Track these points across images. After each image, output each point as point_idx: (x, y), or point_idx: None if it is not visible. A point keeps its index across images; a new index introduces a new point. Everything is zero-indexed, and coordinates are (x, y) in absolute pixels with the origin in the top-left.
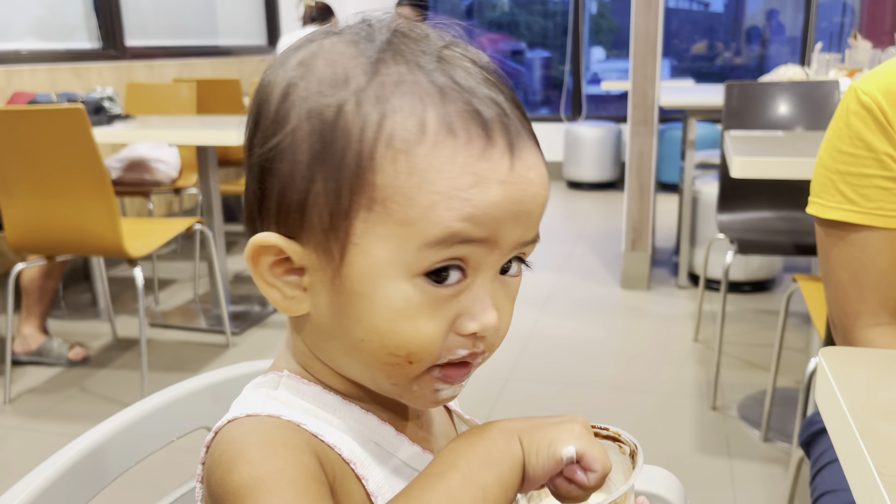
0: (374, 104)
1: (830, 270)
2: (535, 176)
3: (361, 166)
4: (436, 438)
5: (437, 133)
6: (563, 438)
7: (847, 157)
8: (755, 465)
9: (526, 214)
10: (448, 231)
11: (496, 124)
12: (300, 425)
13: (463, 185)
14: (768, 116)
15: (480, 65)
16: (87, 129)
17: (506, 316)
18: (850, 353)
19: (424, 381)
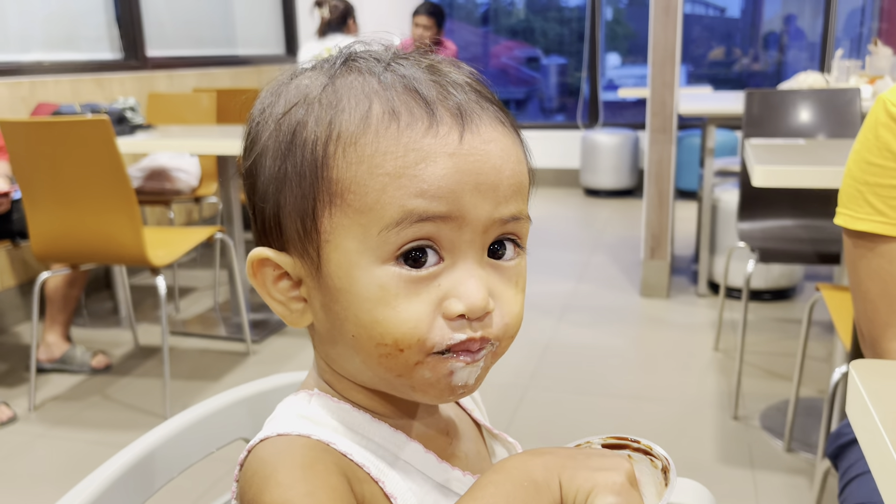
0: (325, 109)
1: (859, 282)
2: (494, 149)
3: (317, 166)
4: (465, 455)
5: (380, 120)
6: (603, 491)
7: (876, 169)
8: (779, 475)
9: (490, 188)
10: (403, 210)
11: (441, 103)
12: (329, 444)
13: (409, 162)
14: (789, 124)
15: (439, 64)
16: (112, 140)
17: (508, 303)
18: (881, 366)
19: (435, 366)
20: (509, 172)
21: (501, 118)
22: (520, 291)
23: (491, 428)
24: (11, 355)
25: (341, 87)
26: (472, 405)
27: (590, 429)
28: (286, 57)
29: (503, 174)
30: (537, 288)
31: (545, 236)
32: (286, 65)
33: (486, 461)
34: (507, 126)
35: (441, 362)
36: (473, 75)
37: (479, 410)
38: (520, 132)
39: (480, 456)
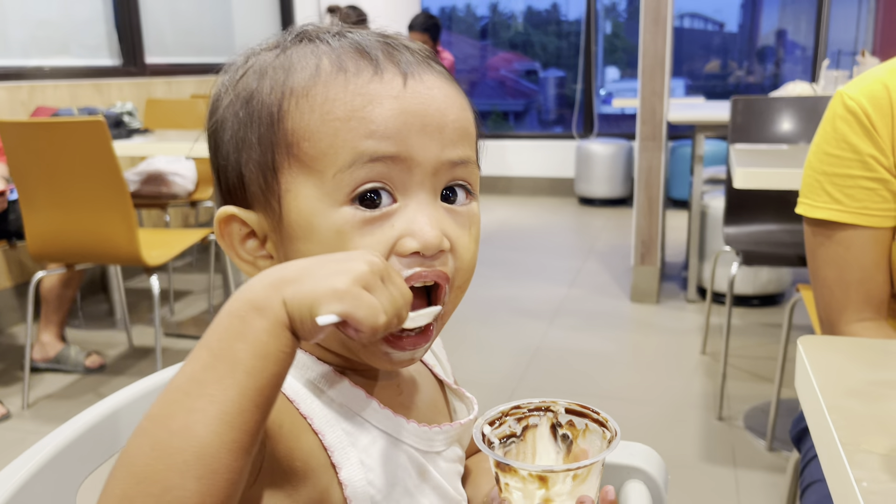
0: (278, 72)
1: (817, 269)
2: (438, 94)
3: (273, 122)
4: (419, 408)
5: (329, 72)
6: (325, 300)
7: (833, 159)
8: (760, 473)
9: (436, 129)
10: (355, 151)
11: (386, 57)
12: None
13: (357, 105)
14: (774, 131)
15: (390, 34)
16: (107, 141)
17: (462, 248)
18: (826, 341)
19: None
20: (454, 116)
21: (444, 73)
22: (473, 239)
23: (450, 383)
24: (6, 354)
25: (293, 53)
26: (433, 361)
27: None
28: None
29: (448, 117)
30: (528, 292)
31: (538, 243)
32: None
33: (443, 414)
34: (449, 79)
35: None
36: (425, 49)
37: (441, 367)
38: (466, 98)
39: (437, 409)
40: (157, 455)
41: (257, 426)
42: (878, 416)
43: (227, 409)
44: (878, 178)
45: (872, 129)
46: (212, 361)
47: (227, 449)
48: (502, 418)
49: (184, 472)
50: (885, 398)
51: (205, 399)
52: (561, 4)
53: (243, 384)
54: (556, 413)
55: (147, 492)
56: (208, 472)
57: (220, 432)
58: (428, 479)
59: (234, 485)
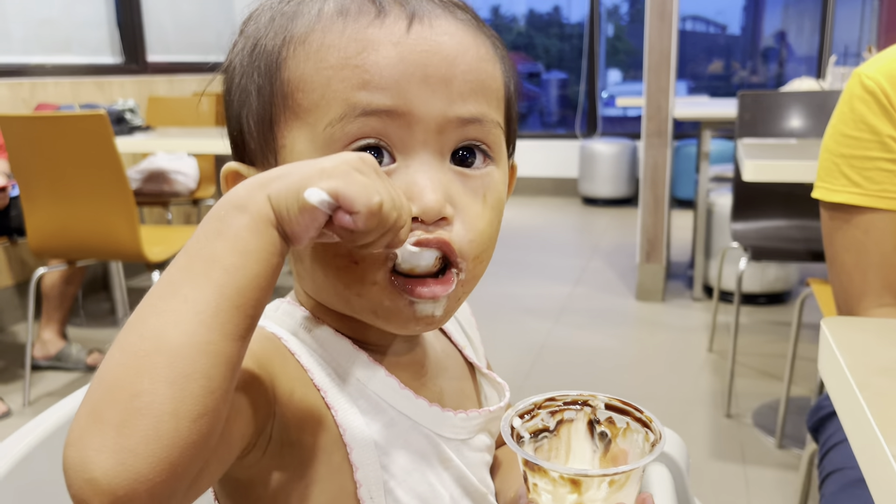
0: (283, 18)
1: (835, 254)
2: (447, 41)
3: (272, 70)
4: (441, 390)
5: (329, 17)
6: (311, 180)
7: (851, 141)
8: (770, 471)
9: (441, 82)
10: (346, 103)
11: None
12: (280, 339)
13: (351, 52)
14: (781, 126)
15: None
16: (109, 136)
17: (473, 216)
18: (850, 321)
19: (393, 295)
20: (465, 67)
21: (468, 21)
22: (489, 207)
23: (481, 367)
24: (7, 352)
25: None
26: (464, 341)
27: None
28: None
29: (457, 68)
30: (534, 290)
31: (543, 242)
32: None
33: (472, 400)
34: (471, 27)
35: (398, 293)
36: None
37: (472, 348)
38: (498, 46)
39: (465, 394)
40: (125, 360)
41: (238, 331)
42: None
43: (201, 308)
44: None
45: (892, 108)
46: (187, 262)
47: (201, 351)
48: (534, 411)
49: (154, 377)
50: None
51: (178, 299)
52: (563, 7)
53: (220, 282)
54: (594, 408)
55: (114, 398)
56: (180, 376)
57: (194, 332)
58: (450, 468)
59: (214, 394)
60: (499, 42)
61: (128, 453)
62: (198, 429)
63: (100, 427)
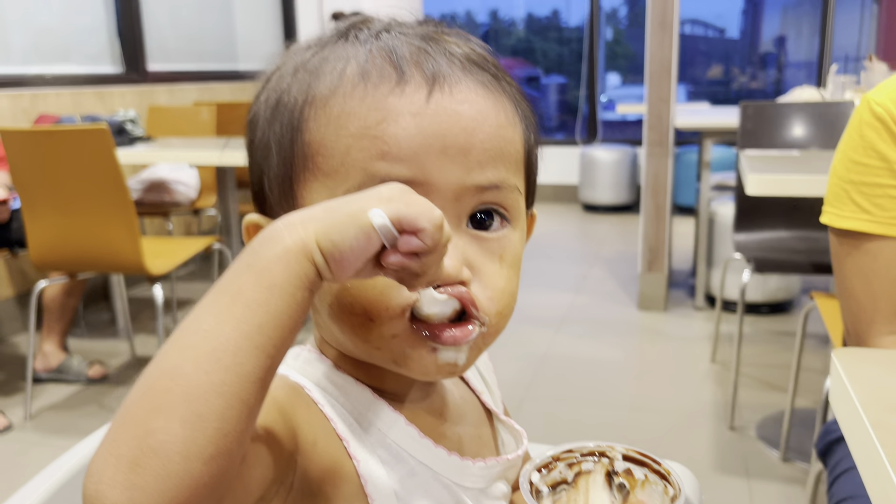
0: (307, 75)
1: (844, 279)
2: (466, 110)
3: (294, 130)
4: (459, 438)
5: (350, 81)
6: (369, 205)
7: (860, 168)
8: (774, 485)
9: (460, 152)
10: (365, 173)
11: (412, 62)
12: (303, 388)
13: (371, 122)
14: (783, 136)
15: (436, 32)
16: (111, 149)
17: (491, 276)
18: (861, 353)
19: (414, 342)
20: (484, 136)
21: (489, 83)
22: (507, 266)
23: (499, 413)
24: (8, 365)
25: (328, 53)
26: (481, 387)
27: (586, 440)
28: None
29: (476, 137)
30: (535, 299)
31: (543, 250)
32: None
33: (489, 448)
34: (492, 90)
35: (420, 340)
36: (478, 47)
37: (490, 393)
38: (519, 103)
39: (482, 441)
40: (145, 395)
41: (256, 372)
42: None
43: (219, 346)
44: None
45: None
46: (214, 296)
47: (216, 392)
48: (552, 463)
49: (168, 414)
50: None
51: (198, 335)
52: (561, 11)
53: (240, 318)
54: (612, 459)
55: (131, 434)
56: (193, 415)
57: (210, 371)
58: None
59: (227, 437)
60: (520, 95)
61: (138, 491)
62: (209, 470)
63: (114, 461)
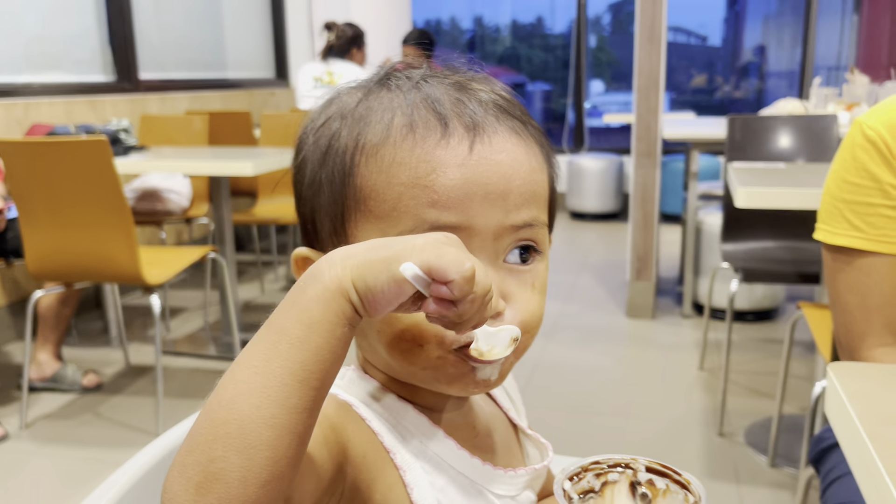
0: (356, 122)
1: (837, 294)
2: (504, 158)
3: (345, 174)
4: (492, 450)
5: (398, 132)
6: (403, 255)
7: (853, 187)
8: (763, 490)
9: (499, 197)
10: (417, 219)
11: (454, 114)
12: (351, 406)
13: (422, 172)
14: (770, 149)
15: (470, 81)
16: (110, 160)
17: (523, 302)
18: (857, 368)
19: (457, 363)
20: (520, 181)
21: (519, 130)
22: (537, 292)
23: (525, 428)
24: (2, 374)
25: (373, 101)
26: (508, 404)
27: (578, 447)
28: (277, 81)
29: (513, 183)
30: None
31: None
32: (277, 89)
33: (517, 459)
34: (523, 137)
35: (462, 361)
36: (503, 91)
37: (516, 409)
38: (543, 144)
39: (511, 453)
40: (206, 425)
41: (302, 404)
42: None
43: (268, 382)
44: None
45: (892, 157)
46: (264, 333)
47: (266, 425)
48: (581, 473)
49: (226, 444)
50: None
51: (250, 370)
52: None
53: (286, 355)
54: (635, 471)
55: (196, 460)
56: (247, 446)
57: (260, 406)
58: None
59: (278, 464)
60: (542, 136)
61: None
62: (265, 493)
63: (184, 482)
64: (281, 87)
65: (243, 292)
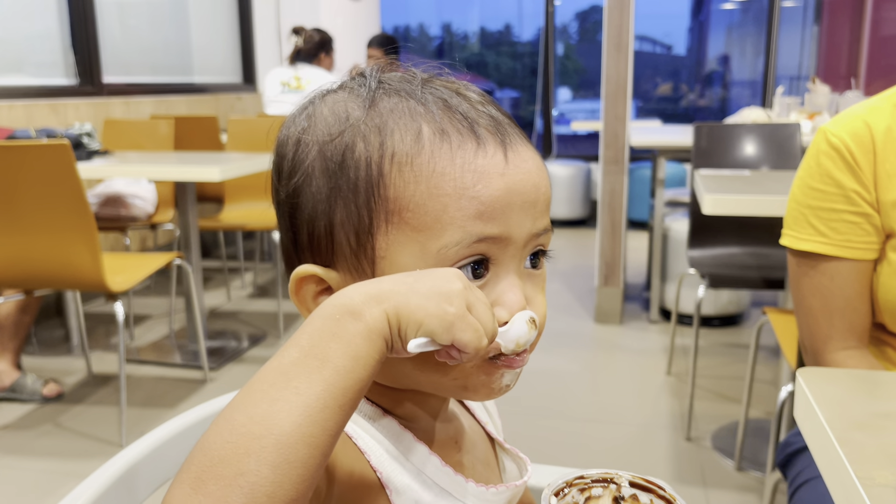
0: (374, 131)
1: (802, 298)
2: (532, 167)
3: (373, 185)
4: (472, 465)
5: (431, 140)
6: (432, 324)
7: (818, 194)
8: (730, 493)
9: (530, 205)
10: (464, 231)
11: (483, 125)
12: None
13: (468, 183)
14: (735, 156)
15: (462, 88)
16: (72, 165)
17: (539, 306)
18: (824, 373)
19: (489, 370)
20: (543, 189)
21: (524, 137)
22: (544, 294)
23: (503, 442)
24: None
25: (384, 109)
26: (486, 418)
27: (547, 452)
28: (244, 86)
29: (540, 191)
30: None
31: None
32: (244, 94)
33: (495, 473)
34: (530, 145)
35: (495, 368)
36: (487, 96)
37: (493, 424)
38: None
39: (489, 467)
40: (234, 439)
41: (336, 427)
42: (887, 449)
43: (311, 402)
44: (861, 213)
45: (855, 165)
46: (301, 358)
47: (305, 443)
48: (566, 489)
49: (260, 458)
50: (890, 430)
51: (290, 391)
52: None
53: (330, 381)
54: (619, 486)
55: (220, 473)
56: (284, 461)
57: (302, 424)
58: None
59: (305, 482)
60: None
61: None
62: None
63: (201, 498)
64: (248, 92)
65: (209, 299)
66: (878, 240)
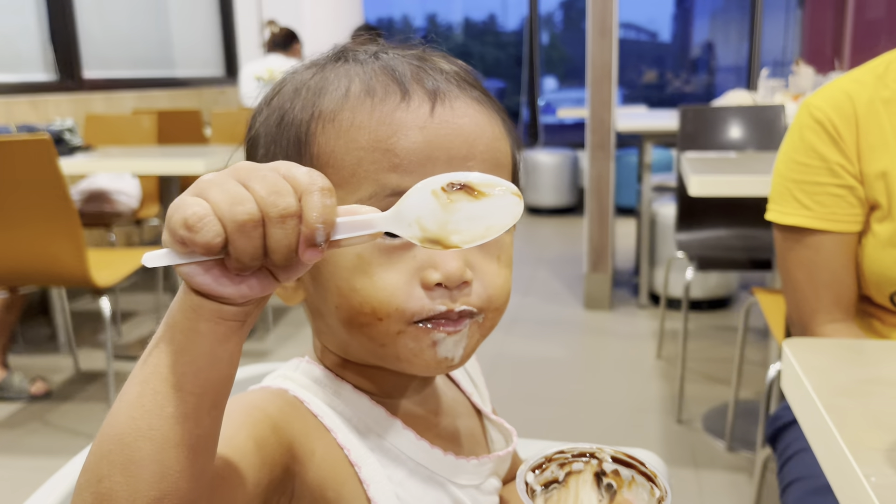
0: (311, 93)
1: (788, 272)
2: (467, 123)
3: (301, 144)
4: (453, 436)
5: (357, 97)
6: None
7: (802, 167)
8: (721, 474)
9: (462, 161)
10: (377, 184)
11: (414, 79)
12: (303, 402)
13: (382, 135)
14: (721, 139)
15: (425, 53)
16: (54, 160)
17: (490, 275)
18: (811, 343)
19: (417, 335)
20: (483, 147)
21: (481, 99)
22: (504, 266)
23: (488, 413)
24: None
25: (329, 73)
26: (471, 388)
27: (539, 438)
28: (226, 79)
29: (476, 148)
30: None
31: None
32: (226, 87)
33: (481, 445)
34: (485, 105)
35: (423, 333)
36: (463, 67)
37: (479, 394)
38: (505, 119)
39: (475, 439)
40: (95, 445)
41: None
42: (873, 413)
43: (142, 390)
44: (845, 185)
45: (838, 137)
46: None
47: (144, 437)
48: (545, 464)
49: (111, 462)
50: (875, 395)
51: (131, 382)
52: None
53: (155, 361)
54: (601, 460)
55: (87, 481)
56: (128, 462)
57: (136, 417)
58: None
59: (167, 479)
60: (504, 113)
61: None
62: None
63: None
64: (231, 86)
65: None
66: (863, 212)
